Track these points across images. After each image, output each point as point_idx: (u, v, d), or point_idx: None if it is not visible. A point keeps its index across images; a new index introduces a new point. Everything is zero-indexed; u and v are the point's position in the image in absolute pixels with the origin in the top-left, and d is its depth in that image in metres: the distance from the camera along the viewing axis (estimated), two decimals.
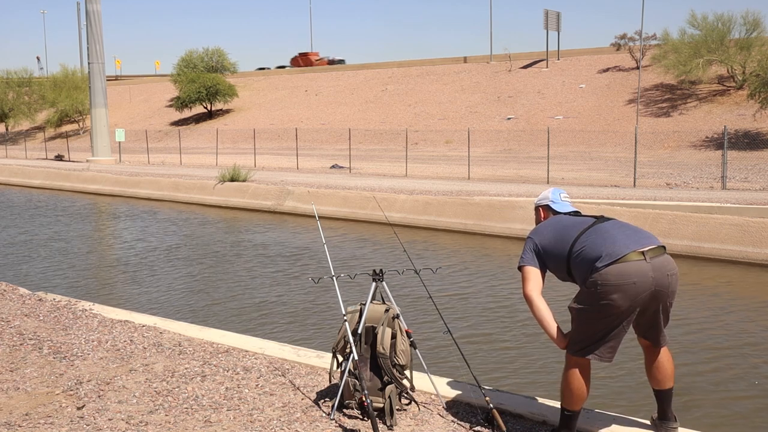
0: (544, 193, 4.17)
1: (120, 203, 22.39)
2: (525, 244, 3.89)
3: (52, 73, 59.02)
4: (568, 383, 3.66)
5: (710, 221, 12.29)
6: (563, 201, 4.08)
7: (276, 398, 4.41)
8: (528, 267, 3.82)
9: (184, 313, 8.95)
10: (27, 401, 4.40)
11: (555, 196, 4.09)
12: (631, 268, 3.44)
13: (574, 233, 3.71)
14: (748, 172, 20.01)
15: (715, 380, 6.54)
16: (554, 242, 3.77)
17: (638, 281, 3.44)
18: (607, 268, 3.45)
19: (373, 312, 4.26)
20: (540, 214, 4.13)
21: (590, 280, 3.51)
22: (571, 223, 3.83)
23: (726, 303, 9.44)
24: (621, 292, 3.43)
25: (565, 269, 3.73)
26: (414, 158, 26.81)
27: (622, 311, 3.48)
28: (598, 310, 3.50)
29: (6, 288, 7.58)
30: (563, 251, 3.70)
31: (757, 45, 29.87)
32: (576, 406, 3.69)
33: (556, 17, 42.64)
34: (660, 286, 3.51)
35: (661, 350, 3.79)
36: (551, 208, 4.06)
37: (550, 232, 3.83)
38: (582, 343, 3.60)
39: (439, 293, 9.58)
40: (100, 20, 34.44)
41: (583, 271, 3.58)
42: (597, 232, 3.66)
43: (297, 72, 57.72)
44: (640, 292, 3.46)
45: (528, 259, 3.83)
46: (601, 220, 3.78)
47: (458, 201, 15.79)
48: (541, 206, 4.12)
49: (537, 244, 3.83)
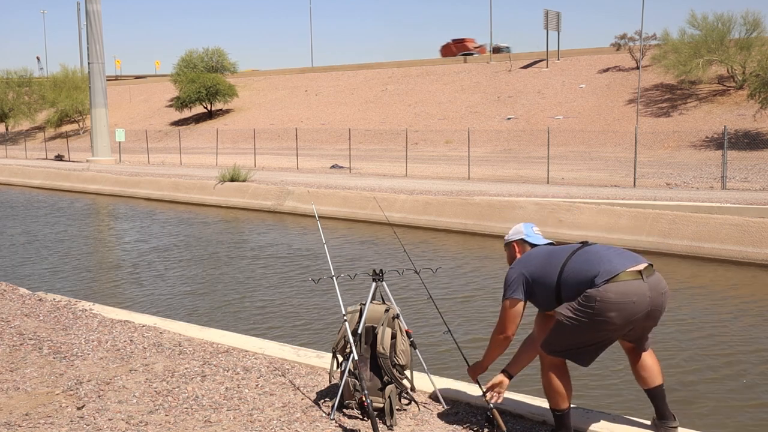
0: (515, 228, 4.07)
1: (120, 203, 22.39)
2: (509, 277, 3.79)
3: (52, 73, 59.06)
4: (550, 384, 3.69)
5: (710, 221, 12.29)
6: (536, 234, 4.01)
7: (276, 398, 4.41)
8: (514, 300, 3.75)
9: (184, 313, 8.95)
10: (27, 401, 4.40)
11: (528, 230, 4.01)
12: (631, 287, 3.45)
13: (563, 257, 3.67)
14: (748, 172, 20.01)
15: (715, 380, 6.54)
16: (542, 269, 3.70)
17: (637, 301, 3.46)
18: (607, 285, 3.44)
19: (373, 312, 4.26)
20: (514, 250, 4.01)
21: (587, 295, 3.47)
22: (556, 249, 3.78)
23: (726, 303, 9.44)
24: (619, 311, 3.44)
25: (554, 296, 3.66)
26: (414, 158, 26.80)
27: (616, 328, 3.50)
28: (590, 326, 3.49)
29: (6, 288, 7.58)
30: (552, 277, 3.64)
31: (757, 45, 29.86)
32: (563, 404, 3.70)
33: (556, 17, 42.64)
34: (655, 305, 3.54)
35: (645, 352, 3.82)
36: (526, 241, 3.98)
37: (536, 260, 3.77)
38: (562, 347, 3.63)
39: (439, 293, 9.58)
40: (100, 20, 34.44)
41: (577, 288, 3.53)
42: (587, 253, 3.64)
43: (297, 72, 57.67)
44: (637, 312, 3.48)
45: (514, 289, 3.75)
46: (586, 244, 3.76)
47: (458, 201, 15.79)
48: (515, 241, 4.02)
49: (525, 275, 3.74)
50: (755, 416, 5.82)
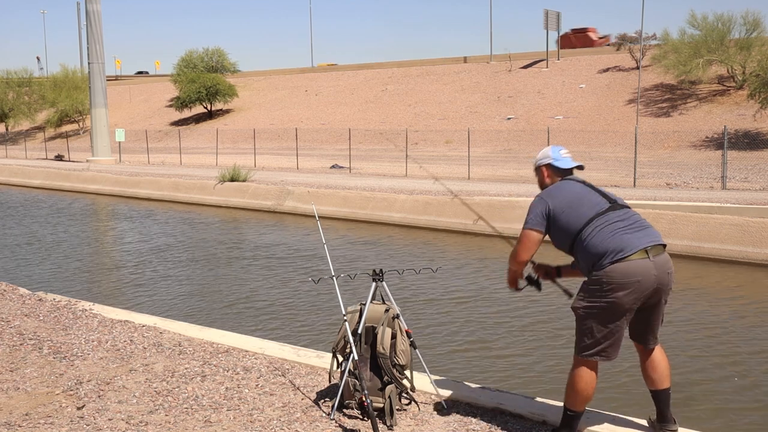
0: (543, 151, 3.98)
1: (120, 203, 22.39)
2: (533, 206, 3.74)
3: (52, 73, 59.02)
4: (574, 384, 3.66)
5: (710, 221, 12.29)
6: (564, 157, 3.93)
7: (276, 398, 4.41)
8: (533, 232, 3.71)
9: (184, 313, 8.95)
10: (27, 401, 4.40)
11: (555, 154, 3.92)
12: (636, 266, 3.48)
13: (589, 214, 3.62)
14: (748, 172, 20.00)
15: (715, 381, 6.54)
16: (566, 213, 3.65)
17: (642, 279, 3.49)
18: (612, 266, 3.48)
19: (373, 312, 4.26)
20: (543, 174, 3.94)
21: (594, 277, 3.53)
22: (586, 197, 3.70)
23: (726, 303, 9.43)
24: (626, 289, 3.47)
25: (568, 246, 3.69)
26: (414, 158, 26.80)
27: (626, 308, 3.52)
28: (603, 308, 3.52)
29: (6, 288, 7.58)
30: (572, 229, 3.63)
31: (757, 45, 29.84)
32: (580, 407, 3.69)
33: (556, 17, 42.64)
34: (661, 283, 3.58)
35: (655, 350, 3.81)
36: (554, 166, 3.90)
37: (564, 200, 3.70)
38: (590, 344, 3.60)
39: (439, 293, 9.58)
40: (100, 20, 34.44)
41: (587, 262, 3.59)
42: (608, 222, 3.60)
43: (297, 72, 57.67)
44: (644, 290, 3.51)
45: (536, 221, 3.70)
46: (614, 206, 3.67)
47: (458, 201, 15.78)
48: (543, 166, 3.94)
49: (549, 208, 3.69)
50: (756, 417, 5.82)
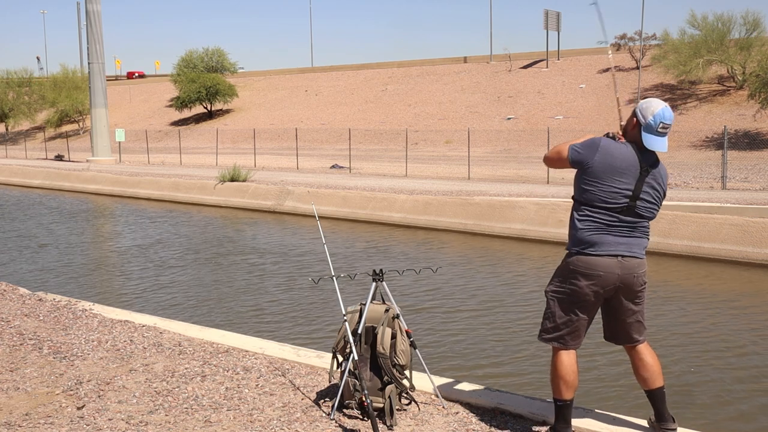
0: (651, 106, 3.64)
1: (120, 203, 22.39)
2: (589, 144, 3.66)
3: (52, 73, 59.05)
4: (554, 372, 3.77)
5: (710, 221, 12.29)
6: (657, 134, 3.61)
7: (276, 398, 4.41)
8: (570, 155, 3.71)
9: (184, 313, 8.95)
10: (27, 401, 4.40)
11: (656, 120, 3.59)
12: (600, 262, 3.63)
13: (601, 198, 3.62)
14: (748, 172, 20.00)
15: (715, 381, 6.54)
16: (592, 175, 3.64)
17: (604, 275, 3.63)
18: (579, 256, 3.67)
19: (373, 312, 4.26)
20: (632, 122, 3.70)
21: (564, 262, 3.76)
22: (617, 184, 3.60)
23: (725, 303, 9.43)
24: (588, 279, 3.63)
25: (576, 188, 3.77)
26: (414, 158, 26.81)
27: (587, 299, 3.66)
28: (566, 293, 3.70)
29: (6, 288, 7.59)
30: (582, 193, 3.70)
31: (757, 45, 29.86)
32: (564, 394, 3.72)
33: (556, 17, 42.65)
34: (624, 283, 3.67)
35: (642, 349, 3.83)
36: (641, 127, 3.63)
37: (605, 166, 3.61)
38: (549, 328, 3.77)
39: (439, 293, 9.58)
40: (100, 20, 34.44)
41: (569, 230, 3.78)
42: (605, 218, 3.63)
43: (297, 72, 57.70)
44: (605, 285, 3.64)
45: (575, 151, 3.68)
46: (629, 210, 3.63)
47: (458, 201, 15.79)
48: (637, 118, 3.67)
49: (589, 161, 3.63)
50: (756, 417, 5.82)
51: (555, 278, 3.80)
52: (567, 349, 3.73)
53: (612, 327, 3.84)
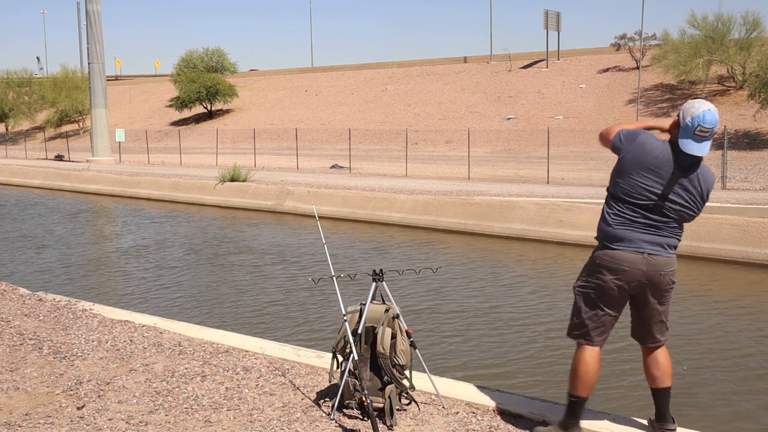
0: (693, 108, 3.53)
1: (120, 203, 22.39)
2: (632, 134, 3.65)
3: (52, 73, 59.09)
4: (575, 368, 3.75)
5: (710, 221, 12.28)
6: (694, 137, 3.51)
7: (276, 398, 4.41)
8: (618, 138, 3.70)
9: (184, 313, 8.95)
10: (27, 401, 4.40)
11: (694, 123, 3.49)
12: (626, 257, 3.61)
13: (630, 194, 3.61)
14: (748, 172, 20.00)
15: (715, 381, 6.54)
16: (624, 169, 3.63)
17: (630, 270, 3.60)
18: (605, 250, 3.66)
19: (373, 312, 4.26)
20: (675, 120, 3.66)
21: (591, 257, 3.76)
22: (649, 182, 3.56)
23: (725, 303, 9.43)
24: (613, 274, 3.61)
25: (611, 179, 3.77)
26: (414, 158, 26.81)
27: (613, 294, 3.65)
28: (592, 288, 3.69)
29: (6, 288, 7.58)
30: (614, 186, 3.70)
31: (757, 45, 29.86)
32: (581, 392, 3.72)
33: (556, 17, 42.64)
34: (650, 281, 3.64)
35: (659, 348, 3.83)
36: (681, 128, 3.56)
37: (639, 161, 3.58)
38: (576, 324, 3.77)
39: (439, 293, 9.58)
40: (100, 20, 34.44)
41: (599, 223, 3.76)
42: (636, 214, 3.61)
43: (297, 72, 57.70)
44: (631, 280, 3.61)
45: (619, 138, 3.68)
46: (656, 209, 3.59)
47: (458, 201, 15.79)
48: (678, 117, 3.61)
49: (626, 154, 3.62)
50: (756, 417, 5.82)
51: (582, 274, 3.80)
52: (593, 344, 3.72)
53: (636, 326, 3.83)
